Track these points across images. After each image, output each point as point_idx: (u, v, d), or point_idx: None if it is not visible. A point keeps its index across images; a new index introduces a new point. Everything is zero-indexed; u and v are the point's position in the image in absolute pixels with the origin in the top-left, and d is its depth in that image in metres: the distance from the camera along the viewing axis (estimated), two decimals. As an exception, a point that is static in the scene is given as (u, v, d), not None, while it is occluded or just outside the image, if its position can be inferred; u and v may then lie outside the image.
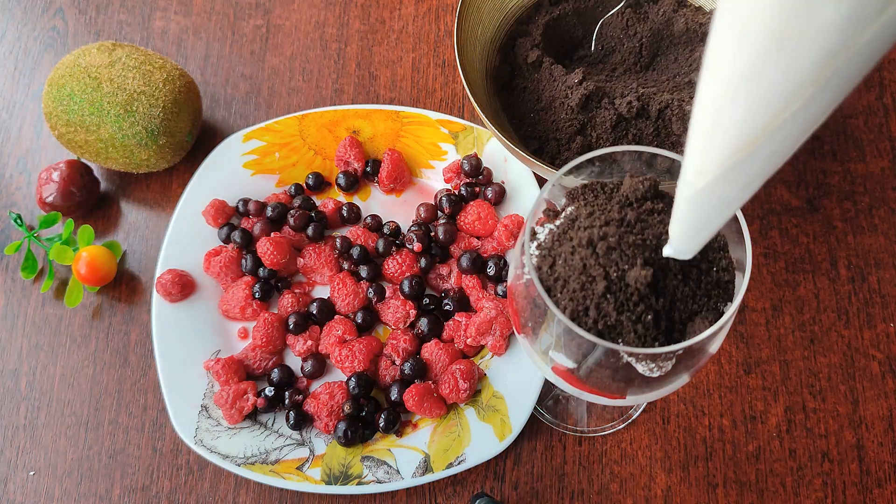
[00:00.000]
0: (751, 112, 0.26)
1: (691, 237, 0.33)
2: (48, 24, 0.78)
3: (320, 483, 0.57)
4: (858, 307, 0.63)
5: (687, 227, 0.33)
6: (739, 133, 0.27)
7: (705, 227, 0.32)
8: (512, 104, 0.66)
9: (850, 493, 0.58)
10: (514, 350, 0.61)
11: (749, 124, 0.26)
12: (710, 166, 0.29)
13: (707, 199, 0.30)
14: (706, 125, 0.28)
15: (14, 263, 0.68)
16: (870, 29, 0.22)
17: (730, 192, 0.30)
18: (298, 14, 0.77)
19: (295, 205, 0.67)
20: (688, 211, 0.32)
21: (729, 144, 0.27)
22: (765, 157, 0.28)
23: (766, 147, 0.27)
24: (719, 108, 0.27)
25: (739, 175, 0.28)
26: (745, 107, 0.26)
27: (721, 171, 0.28)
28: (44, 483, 0.61)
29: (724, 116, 0.27)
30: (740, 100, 0.26)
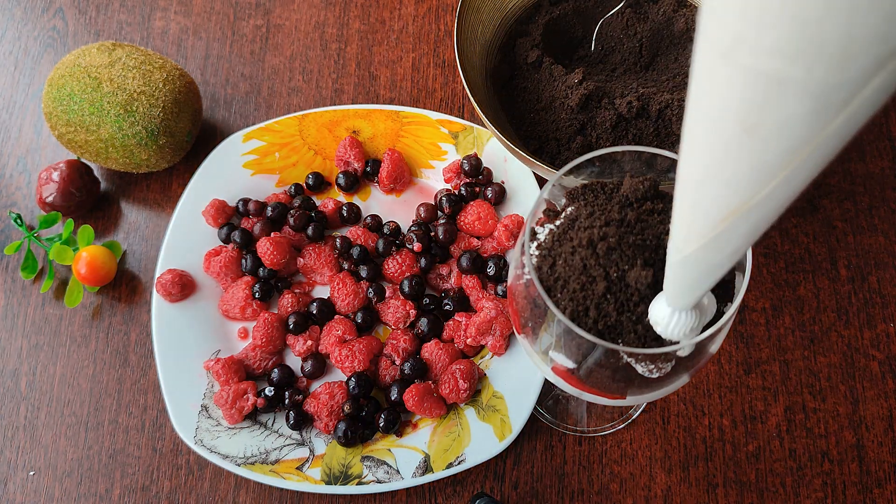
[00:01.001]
0: (727, 192, 0.27)
1: (684, 295, 0.34)
2: (48, 24, 0.78)
3: (320, 483, 0.57)
4: (858, 307, 0.63)
5: (679, 287, 0.34)
6: (719, 209, 0.28)
7: (697, 286, 0.34)
8: (512, 104, 0.66)
9: (850, 493, 0.58)
10: (514, 350, 0.61)
11: (726, 202, 0.27)
12: (695, 236, 0.30)
13: (695, 264, 0.32)
14: (688, 199, 0.29)
15: (14, 263, 0.68)
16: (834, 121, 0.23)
17: (717, 258, 0.31)
18: (298, 14, 0.77)
19: (295, 205, 0.67)
20: (678, 273, 0.33)
21: (709, 218, 0.28)
22: (746, 230, 0.29)
23: (745, 221, 0.28)
24: (698, 185, 0.28)
25: (724, 244, 0.29)
26: (721, 187, 0.27)
27: (706, 241, 0.29)
28: (44, 483, 0.61)
29: (702, 193, 0.28)
30: (716, 180, 0.27)
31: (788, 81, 0.22)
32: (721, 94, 0.24)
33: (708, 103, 0.25)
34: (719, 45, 0.23)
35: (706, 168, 0.27)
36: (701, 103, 0.26)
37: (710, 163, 0.27)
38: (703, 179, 0.28)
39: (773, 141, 0.24)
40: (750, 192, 0.26)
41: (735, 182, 0.26)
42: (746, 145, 0.25)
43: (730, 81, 0.24)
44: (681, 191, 0.29)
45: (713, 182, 0.27)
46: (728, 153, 0.26)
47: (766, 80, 0.23)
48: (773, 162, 0.25)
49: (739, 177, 0.26)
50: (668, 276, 0.34)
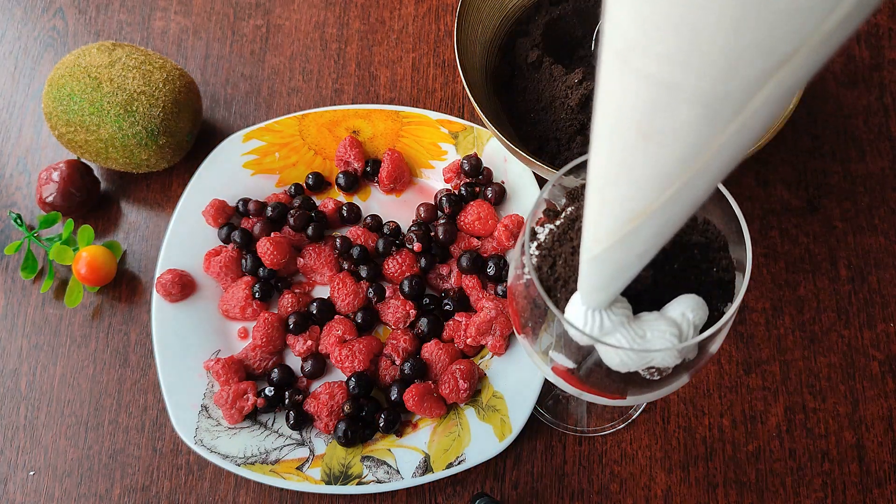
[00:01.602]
0: (629, 195, 0.28)
1: (596, 294, 0.35)
2: (48, 24, 0.78)
3: (320, 483, 0.57)
4: (858, 307, 0.63)
5: (591, 286, 0.34)
6: (623, 212, 0.28)
7: (608, 286, 0.34)
8: (512, 104, 0.66)
9: (850, 493, 0.58)
10: (514, 350, 0.61)
11: (630, 205, 0.28)
12: (604, 236, 0.30)
13: (604, 264, 0.32)
14: (596, 199, 0.30)
15: (14, 263, 0.68)
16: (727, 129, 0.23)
17: (625, 259, 0.31)
18: (298, 14, 0.77)
19: (295, 205, 0.67)
20: (589, 272, 0.33)
21: (617, 219, 0.29)
22: (652, 232, 0.29)
23: (650, 224, 0.28)
24: (603, 187, 0.28)
25: (631, 245, 0.30)
26: (624, 190, 0.28)
27: (613, 242, 0.30)
28: (44, 483, 0.61)
29: (607, 196, 0.29)
30: (619, 184, 0.27)
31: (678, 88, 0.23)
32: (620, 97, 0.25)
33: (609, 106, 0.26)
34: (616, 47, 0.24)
35: (611, 170, 0.27)
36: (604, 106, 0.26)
37: (615, 166, 0.27)
38: (608, 181, 0.28)
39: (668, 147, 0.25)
40: (653, 196, 0.27)
41: (638, 185, 0.27)
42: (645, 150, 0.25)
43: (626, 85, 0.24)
44: (590, 190, 0.30)
45: (618, 184, 0.28)
46: (629, 157, 0.26)
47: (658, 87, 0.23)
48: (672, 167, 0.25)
49: (641, 180, 0.27)
50: (580, 275, 0.35)
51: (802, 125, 0.70)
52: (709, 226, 0.41)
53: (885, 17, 0.74)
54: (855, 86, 0.71)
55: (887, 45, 0.73)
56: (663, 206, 0.27)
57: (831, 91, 0.71)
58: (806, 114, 0.70)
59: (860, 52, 0.72)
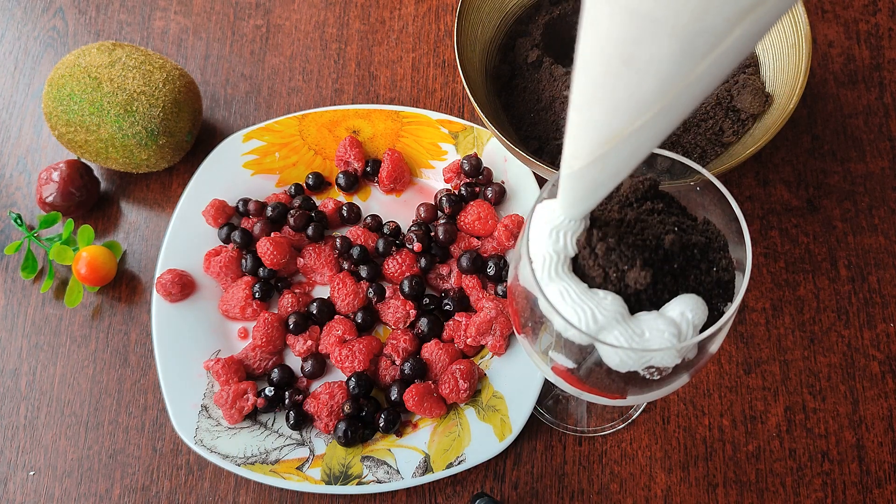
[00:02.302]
0: (606, 117, 0.30)
1: (574, 205, 0.37)
2: (48, 24, 0.78)
3: (320, 483, 0.57)
4: (858, 307, 0.63)
5: (570, 198, 0.37)
6: (600, 132, 0.31)
7: (585, 199, 0.36)
8: (512, 104, 0.66)
9: (850, 493, 0.58)
10: (514, 350, 0.61)
11: (607, 127, 0.30)
12: (581, 154, 0.33)
13: (582, 179, 0.34)
14: (575, 119, 0.32)
15: (14, 263, 0.68)
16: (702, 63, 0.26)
17: (601, 176, 0.34)
18: (298, 14, 0.77)
19: (295, 205, 0.67)
20: (568, 185, 0.36)
21: (593, 140, 0.31)
22: (626, 154, 0.31)
23: (625, 146, 0.31)
24: (583, 107, 0.31)
25: (606, 164, 0.32)
26: (602, 112, 0.30)
27: (591, 160, 0.32)
28: (44, 483, 0.61)
29: (587, 116, 0.31)
30: (597, 105, 0.30)
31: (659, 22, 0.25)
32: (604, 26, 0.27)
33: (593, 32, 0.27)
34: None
35: (591, 92, 0.29)
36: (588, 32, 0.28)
37: (595, 88, 0.29)
38: (588, 102, 0.30)
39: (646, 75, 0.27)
40: (629, 120, 0.29)
41: (616, 109, 0.29)
42: (625, 76, 0.27)
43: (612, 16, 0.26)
44: (571, 110, 0.32)
45: (597, 106, 0.30)
46: (610, 81, 0.28)
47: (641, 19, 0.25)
48: (648, 95, 0.28)
49: (620, 104, 0.29)
50: (560, 187, 0.37)
51: (802, 125, 0.70)
52: (709, 226, 0.41)
53: (885, 17, 0.74)
54: (855, 86, 0.71)
55: (887, 45, 0.73)
56: (638, 130, 0.29)
57: (831, 91, 0.71)
58: (806, 114, 0.70)
59: (860, 52, 0.72)
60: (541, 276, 0.38)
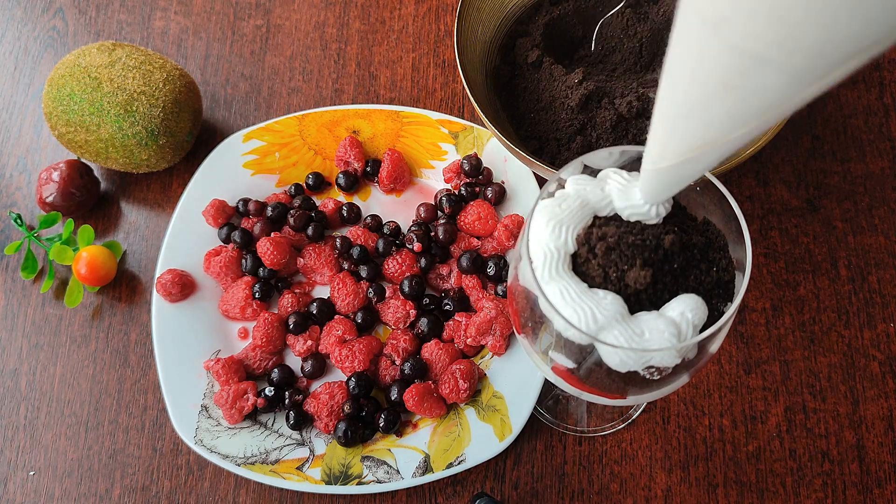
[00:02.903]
0: (701, 129, 0.31)
1: (659, 194, 0.39)
2: (48, 24, 0.78)
3: (320, 483, 0.57)
4: (858, 307, 0.63)
5: (654, 191, 0.38)
6: (693, 140, 0.31)
7: (668, 190, 0.38)
8: (512, 104, 0.66)
9: (850, 493, 0.58)
10: (514, 350, 0.61)
11: (702, 136, 0.31)
12: (669, 156, 0.34)
13: (667, 175, 0.36)
14: (665, 125, 0.33)
15: (14, 263, 0.68)
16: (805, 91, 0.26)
17: (688, 173, 0.35)
18: (298, 14, 0.77)
19: (295, 205, 0.67)
20: (652, 180, 0.37)
21: (685, 145, 0.32)
22: (717, 156, 0.32)
23: (715, 151, 0.32)
24: (674, 118, 0.31)
25: (696, 164, 0.34)
26: (698, 124, 0.30)
27: (680, 161, 0.33)
28: (44, 483, 0.61)
29: (678, 126, 0.32)
30: (693, 118, 0.30)
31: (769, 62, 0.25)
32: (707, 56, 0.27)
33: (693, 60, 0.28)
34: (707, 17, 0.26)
35: (686, 108, 0.30)
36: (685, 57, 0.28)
37: (690, 105, 0.30)
38: (682, 115, 0.31)
39: (749, 101, 0.27)
40: (724, 133, 0.30)
41: (711, 123, 0.30)
42: (724, 99, 0.28)
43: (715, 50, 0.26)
44: (659, 115, 0.33)
45: (692, 120, 0.30)
46: (708, 101, 0.29)
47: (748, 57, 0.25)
48: (748, 114, 0.28)
49: (716, 121, 0.29)
50: (642, 179, 0.38)
51: (802, 125, 0.70)
52: (709, 226, 0.41)
53: (885, 17, 0.74)
54: (855, 86, 0.71)
55: (887, 45, 0.73)
56: (731, 140, 0.30)
57: (831, 91, 0.71)
58: (806, 114, 0.70)
59: (860, 52, 0.72)
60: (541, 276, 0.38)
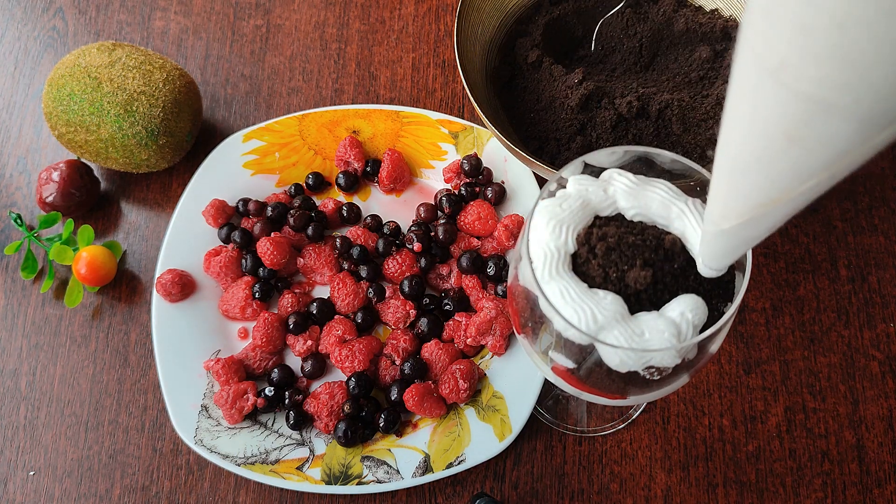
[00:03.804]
0: (767, 185, 0.29)
1: (720, 260, 0.37)
2: (48, 24, 0.78)
3: (320, 483, 0.57)
4: (858, 307, 0.63)
5: (716, 255, 0.37)
6: (755, 198, 0.30)
7: (732, 253, 0.36)
8: (512, 104, 0.66)
9: (850, 493, 0.58)
10: (514, 350, 0.61)
11: (766, 193, 0.29)
12: (734, 215, 0.32)
13: (732, 237, 0.34)
14: (726, 183, 0.31)
15: (14, 263, 0.68)
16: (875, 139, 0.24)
17: (752, 234, 0.33)
18: (298, 14, 0.77)
19: (295, 205, 0.67)
20: (715, 243, 0.35)
21: (748, 203, 0.30)
22: (782, 215, 0.30)
23: (780, 209, 0.30)
24: (739, 174, 0.29)
25: (761, 223, 0.32)
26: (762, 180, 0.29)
27: (743, 220, 0.31)
28: (44, 483, 0.61)
29: (742, 182, 0.30)
30: (754, 174, 0.29)
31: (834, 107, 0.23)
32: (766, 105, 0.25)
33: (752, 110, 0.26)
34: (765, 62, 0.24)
35: (747, 163, 0.28)
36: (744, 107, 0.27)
37: (751, 160, 0.28)
38: (743, 171, 0.29)
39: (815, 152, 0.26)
40: (789, 188, 0.28)
41: (775, 180, 0.28)
42: (788, 152, 0.26)
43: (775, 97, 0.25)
44: (719, 174, 0.31)
45: (753, 175, 0.28)
46: (770, 155, 0.27)
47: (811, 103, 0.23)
48: (814, 167, 0.26)
49: (780, 176, 0.27)
50: (703, 243, 0.37)
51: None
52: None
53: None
54: (855, 86, 0.71)
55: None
56: (797, 196, 0.28)
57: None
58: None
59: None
60: (541, 275, 0.38)
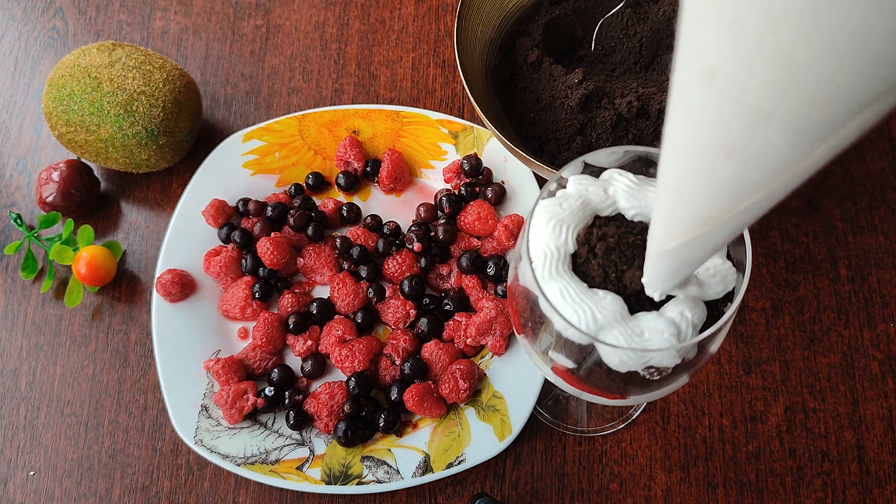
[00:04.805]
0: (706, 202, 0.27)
1: (664, 282, 0.36)
2: (48, 24, 0.78)
3: (320, 483, 0.57)
4: (858, 307, 0.63)
5: (658, 275, 0.35)
6: (698, 215, 0.29)
7: (676, 275, 0.35)
8: (512, 104, 0.66)
9: (850, 493, 0.58)
10: (514, 350, 0.61)
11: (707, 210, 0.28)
12: (675, 234, 0.31)
13: (675, 258, 0.33)
14: (668, 200, 0.30)
15: (14, 263, 0.68)
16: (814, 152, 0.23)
17: (695, 255, 0.32)
18: (298, 14, 0.77)
19: (295, 205, 0.67)
20: (658, 264, 0.34)
21: (690, 221, 0.29)
22: (725, 234, 0.29)
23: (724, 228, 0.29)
24: (679, 191, 0.28)
25: (704, 244, 0.30)
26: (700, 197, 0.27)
27: (686, 240, 0.30)
28: (44, 483, 0.61)
29: (681, 200, 0.29)
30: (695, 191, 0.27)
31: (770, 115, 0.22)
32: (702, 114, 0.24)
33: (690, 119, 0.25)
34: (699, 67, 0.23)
35: (689, 178, 0.27)
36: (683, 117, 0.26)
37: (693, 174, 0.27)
38: (683, 187, 0.28)
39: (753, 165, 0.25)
40: (730, 205, 0.27)
41: (716, 195, 0.27)
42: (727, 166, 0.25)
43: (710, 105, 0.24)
44: (662, 191, 0.30)
45: (694, 191, 0.28)
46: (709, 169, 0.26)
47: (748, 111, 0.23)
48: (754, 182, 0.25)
49: (720, 191, 0.27)
50: (647, 264, 0.35)
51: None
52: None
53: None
54: (855, 86, 0.71)
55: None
56: (740, 213, 0.27)
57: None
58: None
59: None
60: (541, 275, 0.38)
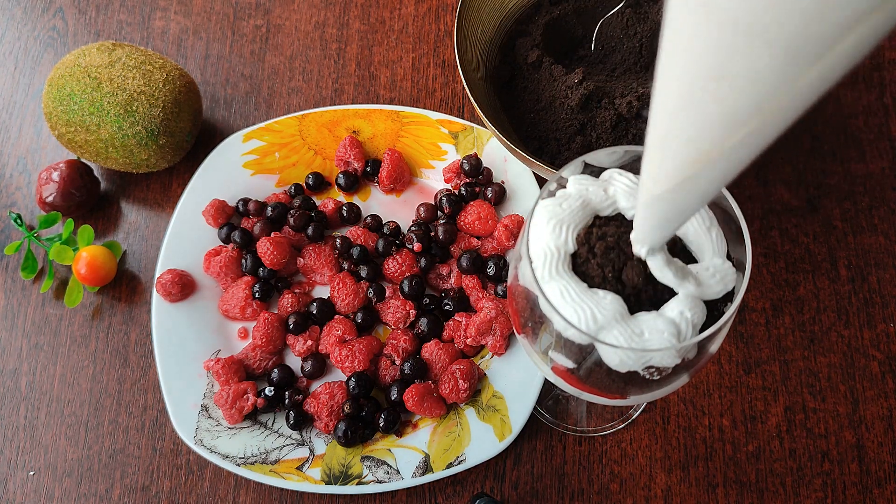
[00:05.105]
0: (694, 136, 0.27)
1: (653, 233, 0.34)
2: (48, 24, 0.78)
3: (320, 483, 0.57)
4: (858, 307, 0.63)
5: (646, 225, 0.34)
6: (686, 153, 0.28)
7: (664, 226, 0.33)
8: (512, 104, 0.66)
9: (850, 493, 0.58)
10: (514, 350, 0.61)
11: (694, 147, 0.27)
12: (664, 178, 0.30)
13: (664, 204, 0.31)
14: (657, 142, 0.29)
15: (14, 263, 0.68)
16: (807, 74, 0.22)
17: (686, 200, 0.31)
18: (298, 14, 0.77)
19: (295, 205, 0.67)
20: (647, 212, 0.33)
21: (677, 162, 0.28)
22: (716, 176, 0.28)
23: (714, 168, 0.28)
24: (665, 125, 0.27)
25: (692, 187, 0.29)
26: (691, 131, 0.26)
27: (675, 183, 0.29)
28: (44, 483, 0.61)
29: (670, 138, 0.28)
30: (682, 124, 0.27)
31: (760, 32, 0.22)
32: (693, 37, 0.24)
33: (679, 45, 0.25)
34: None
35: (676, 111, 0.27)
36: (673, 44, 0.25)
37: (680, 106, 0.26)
38: (675, 121, 0.27)
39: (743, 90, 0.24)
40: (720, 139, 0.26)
41: (706, 127, 0.26)
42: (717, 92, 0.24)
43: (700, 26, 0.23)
44: (651, 132, 0.29)
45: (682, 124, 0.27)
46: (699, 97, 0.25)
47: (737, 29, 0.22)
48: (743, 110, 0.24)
49: (709, 123, 0.26)
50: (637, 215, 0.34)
51: (802, 125, 0.70)
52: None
53: (885, 17, 0.74)
54: (855, 86, 0.71)
55: (887, 45, 0.73)
56: (730, 149, 0.26)
57: (831, 91, 0.71)
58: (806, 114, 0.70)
59: (860, 52, 0.72)
60: (541, 275, 0.38)
